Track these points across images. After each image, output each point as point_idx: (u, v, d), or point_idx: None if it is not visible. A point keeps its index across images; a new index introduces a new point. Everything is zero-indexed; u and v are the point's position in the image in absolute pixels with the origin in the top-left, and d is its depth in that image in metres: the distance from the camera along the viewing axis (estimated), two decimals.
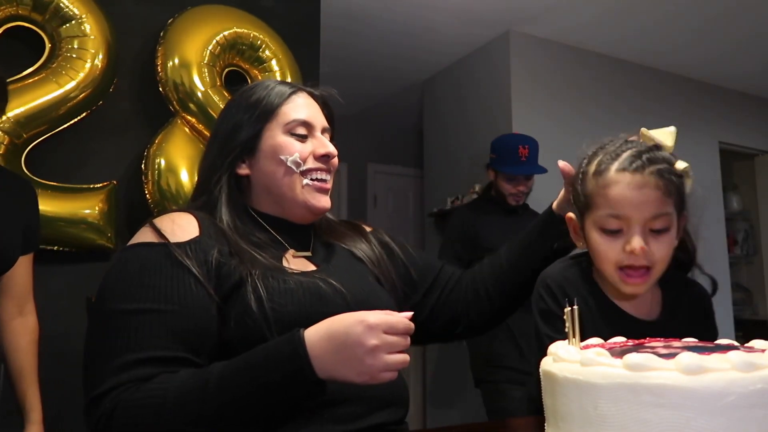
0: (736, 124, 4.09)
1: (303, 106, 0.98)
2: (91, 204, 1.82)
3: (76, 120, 1.83)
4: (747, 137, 4.16)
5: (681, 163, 0.88)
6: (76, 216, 1.79)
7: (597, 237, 0.89)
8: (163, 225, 0.87)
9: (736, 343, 0.67)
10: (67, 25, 1.80)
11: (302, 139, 0.97)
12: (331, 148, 0.98)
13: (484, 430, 1.19)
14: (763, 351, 0.59)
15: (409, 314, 0.75)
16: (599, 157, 0.90)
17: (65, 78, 1.77)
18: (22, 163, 1.75)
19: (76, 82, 1.78)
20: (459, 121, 3.59)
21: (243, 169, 0.97)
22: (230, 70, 2.12)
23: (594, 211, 0.89)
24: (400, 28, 3.21)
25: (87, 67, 1.80)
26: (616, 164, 0.87)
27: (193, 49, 1.96)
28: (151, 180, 1.89)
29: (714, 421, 0.51)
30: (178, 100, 1.95)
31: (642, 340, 0.71)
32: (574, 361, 0.61)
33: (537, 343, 0.93)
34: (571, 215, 0.97)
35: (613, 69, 3.59)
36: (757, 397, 0.52)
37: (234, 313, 0.82)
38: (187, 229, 0.87)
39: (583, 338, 0.68)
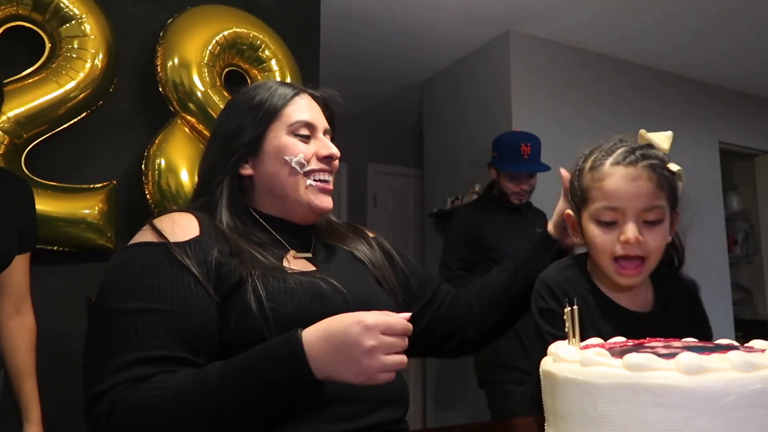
0: (736, 124, 4.09)
1: (306, 108, 0.99)
2: (91, 204, 1.82)
3: (76, 120, 1.83)
4: (747, 137, 4.16)
5: (674, 165, 0.92)
6: (76, 216, 1.79)
7: (593, 229, 0.92)
8: (163, 225, 0.87)
9: (736, 343, 0.67)
10: (67, 25, 1.80)
11: (305, 140, 0.97)
12: (334, 150, 0.99)
13: (484, 430, 1.19)
14: (763, 351, 0.59)
15: (407, 315, 0.75)
16: (595, 155, 0.94)
17: (65, 78, 1.77)
18: (22, 163, 1.75)
19: (76, 82, 1.78)
20: (459, 121, 3.59)
21: (246, 170, 0.97)
22: (230, 70, 2.12)
23: (590, 204, 0.92)
24: (400, 28, 3.21)
25: (87, 67, 1.80)
26: (610, 159, 0.91)
27: (193, 49, 1.96)
28: (151, 180, 1.89)
29: (714, 421, 0.51)
30: (178, 100, 1.95)
31: (642, 340, 0.71)
32: (574, 361, 0.61)
33: (539, 341, 0.94)
34: (570, 212, 1.00)
35: (613, 69, 3.58)
36: (757, 397, 0.52)
37: (234, 313, 0.82)
38: (187, 228, 0.87)
39: (583, 334, 0.68)
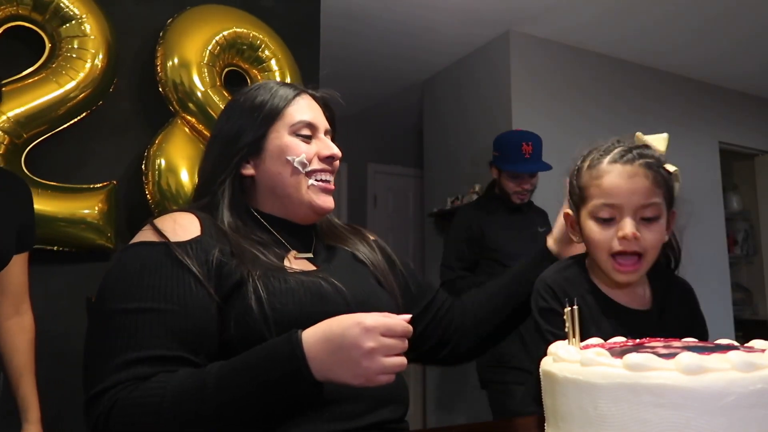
0: (736, 124, 4.09)
1: (307, 108, 0.99)
2: (90, 204, 1.82)
3: (76, 120, 1.83)
4: (747, 137, 4.16)
5: (670, 166, 0.94)
6: (76, 216, 1.79)
7: (592, 226, 0.94)
8: (164, 224, 0.87)
9: (736, 343, 0.67)
10: (67, 25, 1.80)
11: (307, 140, 0.98)
12: (336, 150, 0.99)
13: (484, 430, 1.19)
14: (763, 351, 0.59)
15: (408, 317, 0.75)
16: (593, 154, 0.96)
17: (65, 78, 1.77)
18: (22, 163, 1.75)
19: (76, 82, 1.78)
20: (459, 121, 3.59)
21: (248, 170, 0.97)
22: (230, 69, 2.12)
23: (588, 201, 0.94)
24: (400, 28, 3.21)
25: (87, 67, 1.80)
26: (608, 157, 0.93)
27: (193, 49, 1.96)
28: (151, 180, 1.89)
29: (714, 421, 0.51)
30: (178, 100, 1.95)
31: (642, 341, 0.71)
32: (574, 361, 0.61)
33: (540, 340, 0.95)
34: (568, 211, 1.02)
35: (613, 69, 3.58)
36: (757, 397, 0.52)
37: (234, 313, 0.82)
38: (188, 228, 0.87)
39: (584, 332, 0.68)
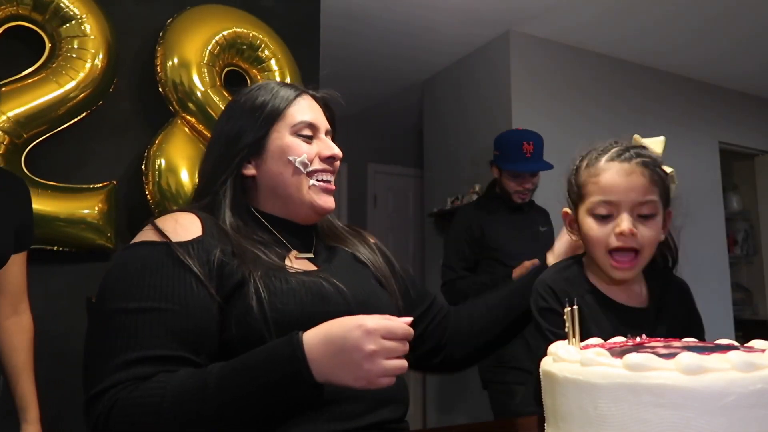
0: (736, 124, 4.09)
1: (308, 109, 0.99)
2: (90, 204, 1.82)
3: (76, 120, 1.83)
4: (747, 137, 4.16)
5: (667, 167, 0.95)
6: (76, 216, 1.79)
7: (590, 223, 0.95)
8: (165, 224, 0.87)
9: (736, 343, 0.67)
10: (67, 25, 1.80)
11: (308, 140, 0.98)
12: (337, 150, 1.00)
13: (484, 430, 1.19)
14: (763, 351, 0.59)
15: (409, 319, 0.75)
16: (591, 154, 0.98)
17: (65, 78, 1.77)
18: (22, 163, 1.75)
19: (76, 82, 1.78)
20: (459, 121, 3.59)
21: (249, 170, 0.97)
22: (230, 69, 2.11)
23: (586, 199, 0.96)
24: (400, 28, 3.21)
25: (87, 67, 1.80)
26: (606, 156, 0.95)
27: (193, 48, 1.96)
28: (151, 180, 1.89)
29: (714, 421, 0.51)
30: (178, 100, 1.95)
31: (642, 341, 0.71)
32: (574, 361, 0.61)
33: (542, 340, 0.95)
34: (567, 210, 1.03)
35: (613, 69, 3.58)
36: (757, 397, 0.52)
37: (235, 313, 0.82)
38: (189, 228, 0.87)
39: (584, 332, 0.68)
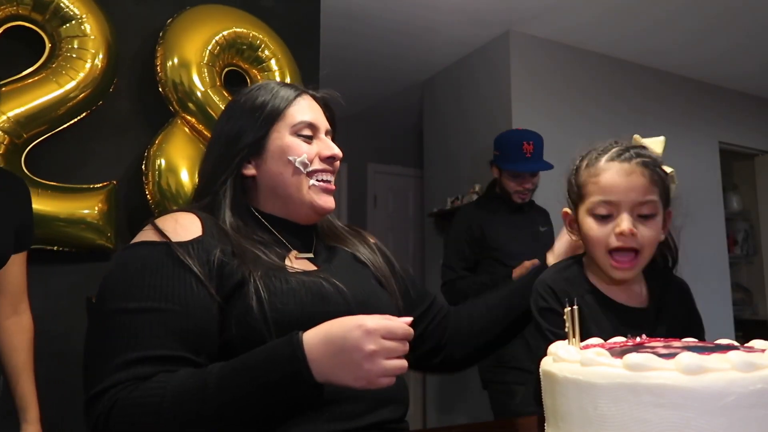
0: (736, 124, 4.09)
1: (308, 109, 0.99)
2: (90, 204, 1.82)
3: (76, 120, 1.83)
4: (747, 137, 4.16)
5: (667, 168, 0.95)
6: (76, 216, 1.79)
7: (590, 222, 0.95)
8: (165, 224, 0.87)
9: (736, 343, 0.67)
10: (67, 25, 1.80)
11: (308, 140, 0.98)
12: (337, 150, 1.00)
13: (484, 430, 1.19)
14: (763, 351, 0.59)
15: (409, 319, 0.75)
16: (591, 154, 0.98)
17: (65, 78, 1.77)
18: (22, 163, 1.75)
19: (76, 82, 1.78)
20: (459, 121, 3.59)
21: (249, 170, 0.97)
22: (230, 69, 2.11)
23: (586, 198, 0.96)
24: (400, 28, 3.21)
25: (87, 67, 1.80)
26: (606, 156, 0.95)
27: (193, 48, 1.96)
28: (151, 180, 1.89)
29: (714, 421, 0.51)
30: (178, 100, 1.95)
31: (642, 340, 0.71)
32: (574, 361, 0.61)
33: (542, 340, 0.95)
34: (567, 210, 1.03)
35: (613, 69, 3.58)
36: (757, 397, 0.52)
37: (235, 313, 0.82)
38: (189, 228, 0.87)
39: (584, 332, 0.68)
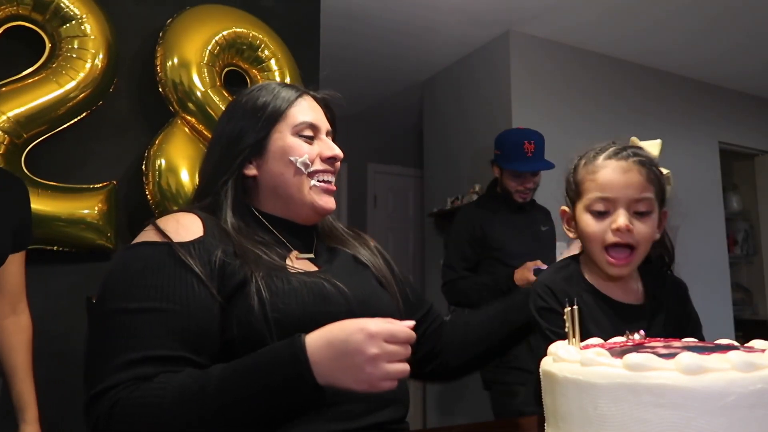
0: (736, 124, 4.09)
1: (309, 109, 1.00)
2: (90, 204, 1.82)
3: (76, 120, 1.83)
4: (747, 137, 4.16)
5: (663, 169, 0.98)
6: (76, 216, 1.79)
7: (587, 219, 0.97)
8: (167, 225, 0.87)
9: (736, 343, 0.67)
10: (68, 25, 1.80)
11: (309, 141, 0.98)
12: (338, 151, 1.00)
13: (484, 430, 1.19)
14: (763, 351, 0.59)
15: (411, 323, 0.75)
16: (589, 153, 1.00)
17: (65, 78, 1.77)
18: (22, 163, 1.75)
19: (76, 82, 1.78)
20: (459, 121, 3.59)
21: (250, 170, 0.97)
22: (230, 69, 2.12)
23: (584, 195, 0.98)
24: (400, 28, 3.21)
25: (87, 67, 1.80)
26: (603, 154, 0.98)
27: (193, 48, 1.96)
28: (151, 180, 1.89)
29: (714, 421, 0.51)
30: (178, 100, 1.95)
31: (642, 341, 0.71)
32: (574, 361, 0.61)
33: (542, 340, 0.96)
34: (565, 208, 1.05)
35: (613, 69, 3.58)
36: (757, 397, 0.52)
37: (237, 313, 0.82)
38: (191, 228, 0.87)
39: (583, 330, 0.69)
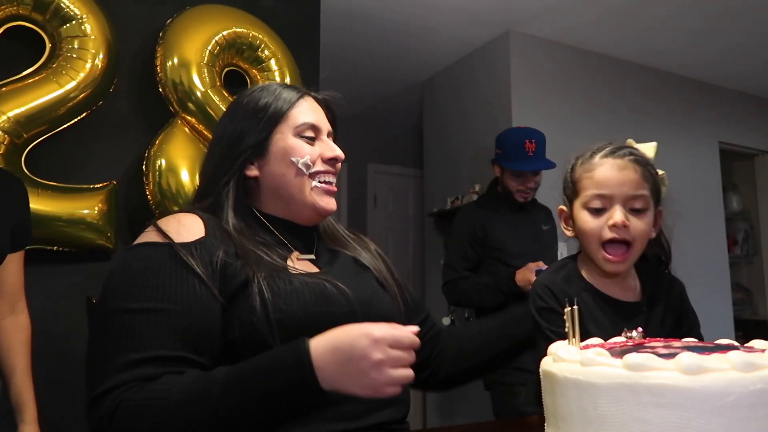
0: (736, 124, 4.09)
1: (310, 110, 1.00)
2: (90, 204, 1.82)
3: (76, 120, 1.83)
4: (747, 137, 4.16)
5: (659, 170, 0.99)
6: (76, 216, 1.79)
7: (584, 216, 0.99)
8: (168, 225, 0.87)
9: (736, 343, 0.67)
10: (68, 25, 1.80)
11: (310, 141, 0.98)
12: (339, 152, 1.00)
13: (484, 430, 1.19)
14: (763, 351, 0.59)
15: (415, 329, 0.75)
16: (585, 153, 1.02)
17: (65, 78, 1.77)
18: (22, 163, 1.75)
19: (77, 82, 1.78)
20: (459, 121, 3.59)
21: (252, 171, 0.97)
22: (230, 69, 2.12)
23: (581, 193, 0.99)
24: (400, 28, 3.21)
25: (87, 67, 1.80)
26: (600, 153, 1.00)
27: (193, 49, 1.96)
28: (152, 180, 1.89)
29: (714, 421, 0.51)
30: (178, 100, 1.95)
31: (642, 341, 0.71)
32: (574, 361, 0.61)
33: (542, 340, 0.95)
34: (562, 207, 1.06)
35: (613, 69, 3.58)
36: (757, 397, 0.52)
37: (239, 314, 0.82)
38: (192, 229, 0.87)
39: (583, 330, 0.69)
